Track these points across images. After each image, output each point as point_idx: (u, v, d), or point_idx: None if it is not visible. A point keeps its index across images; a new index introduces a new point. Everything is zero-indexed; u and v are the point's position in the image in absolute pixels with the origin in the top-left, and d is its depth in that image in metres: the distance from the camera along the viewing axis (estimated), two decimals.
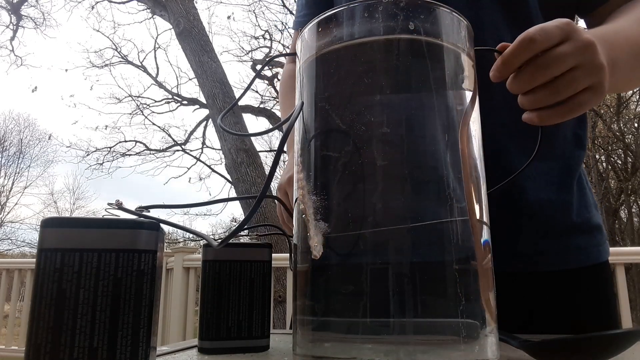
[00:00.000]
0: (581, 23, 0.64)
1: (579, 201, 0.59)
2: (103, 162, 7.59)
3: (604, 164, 8.31)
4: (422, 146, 0.31)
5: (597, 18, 0.59)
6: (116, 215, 0.30)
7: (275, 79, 6.97)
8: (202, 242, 0.46)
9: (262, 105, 7.17)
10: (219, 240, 0.32)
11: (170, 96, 7.54)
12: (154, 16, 6.50)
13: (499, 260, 0.37)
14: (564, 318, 0.55)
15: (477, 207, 0.31)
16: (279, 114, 6.67)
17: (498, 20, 0.57)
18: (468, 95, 0.34)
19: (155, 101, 7.64)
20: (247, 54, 7.66)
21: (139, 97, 7.69)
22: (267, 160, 6.39)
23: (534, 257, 0.56)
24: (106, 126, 8.13)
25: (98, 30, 7.98)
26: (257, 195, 0.29)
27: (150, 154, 7.61)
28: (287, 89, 0.82)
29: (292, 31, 0.91)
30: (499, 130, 0.53)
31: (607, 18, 0.57)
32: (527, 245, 0.56)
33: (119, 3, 7.01)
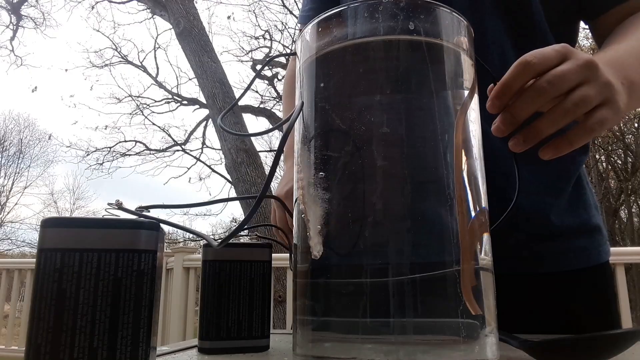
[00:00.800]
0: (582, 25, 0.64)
1: (577, 203, 0.59)
2: (103, 162, 7.59)
3: (604, 164, 8.30)
4: (422, 146, 0.31)
5: (601, 25, 0.59)
6: (116, 215, 0.30)
7: (275, 79, 6.97)
8: (202, 242, 0.46)
9: (262, 105, 7.17)
10: (219, 240, 0.32)
11: (170, 96, 7.54)
12: (154, 16, 6.50)
13: (497, 262, 0.37)
14: (565, 319, 0.55)
15: (477, 207, 0.31)
16: (279, 114, 6.67)
17: (500, 27, 0.57)
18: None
19: (155, 101, 7.64)
20: (247, 54, 7.66)
21: (139, 97, 7.68)
22: (267, 160, 6.39)
23: (533, 259, 0.56)
24: (106, 126, 8.13)
25: (98, 30, 7.97)
26: (257, 195, 0.29)
27: (150, 154, 7.61)
28: (289, 90, 0.82)
29: (292, 31, 0.91)
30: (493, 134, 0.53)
31: (613, 30, 0.56)
32: (526, 247, 0.56)
33: (119, 3, 7.01)
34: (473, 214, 0.31)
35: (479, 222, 0.31)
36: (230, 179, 4.72)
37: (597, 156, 7.93)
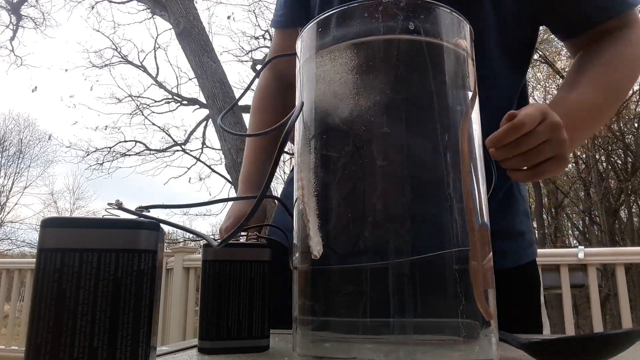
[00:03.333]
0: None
1: (505, 209, 0.65)
2: (103, 162, 7.58)
3: (604, 164, 8.31)
4: (422, 146, 0.31)
5: (574, 44, 0.65)
6: (116, 215, 0.30)
7: None
8: (202, 242, 0.46)
9: None
10: (219, 240, 0.31)
11: (170, 96, 7.53)
12: (154, 16, 6.49)
13: None
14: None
15: (478, 207, 0.31)
16: None
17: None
18: (467, 95, 0.34)
19: (155, 101, 7.62)
20: (247, 54, 7.66)
21: (139, 97, 7.67)
22: None
23: None
24: (106, 126, 8.12)
25: (98, 30, 7.97)
26: (257, 195, 0.29)
27: (150, 154, 7.60)
28: (261, 105, 0.82)
29: None
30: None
31: (576, 58, 0.64)
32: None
33: (119, 3, 7.00)
34: (483, 220, 0.31)
35: (485, 226, 0.31)
36: (230, 179, 4.72)
37: (597, 156, 7.94)
